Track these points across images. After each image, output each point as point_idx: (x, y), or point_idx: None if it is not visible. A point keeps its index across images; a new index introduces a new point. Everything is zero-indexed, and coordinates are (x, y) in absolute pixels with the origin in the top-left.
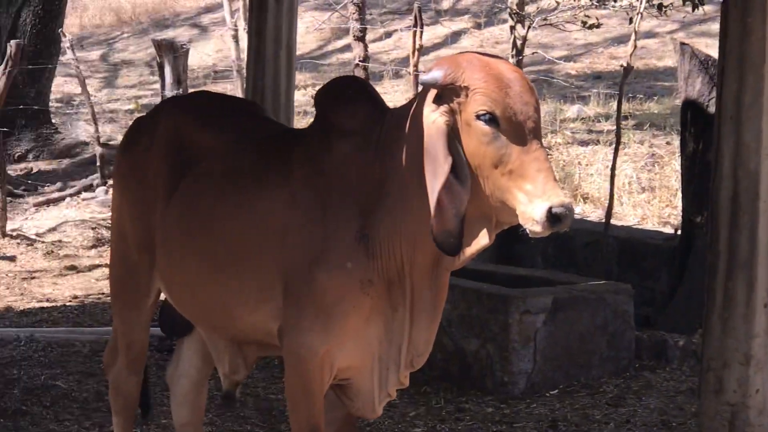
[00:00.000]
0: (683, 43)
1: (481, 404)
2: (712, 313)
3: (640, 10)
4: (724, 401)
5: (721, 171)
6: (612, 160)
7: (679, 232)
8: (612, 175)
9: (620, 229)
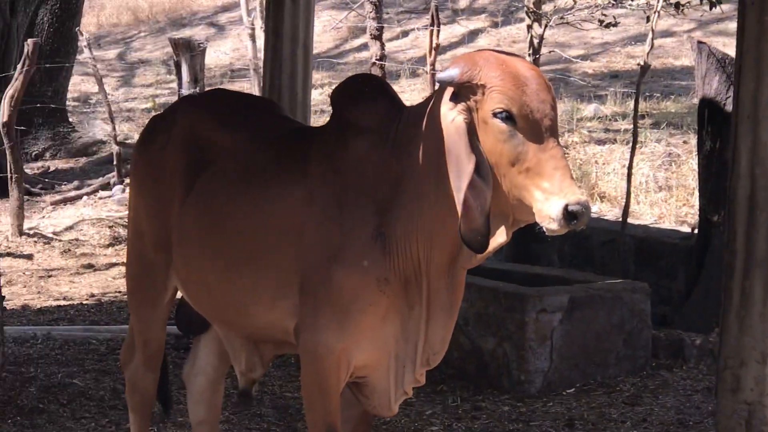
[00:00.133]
0: (700, 42)
1: (498, 403)
2: (729, 312)
3: (657, 8)
4: (741, 400)
5: (738, 170)
6: (629, 159)
7: (696, 230)
8: (629, 174)
9: (637, 228)
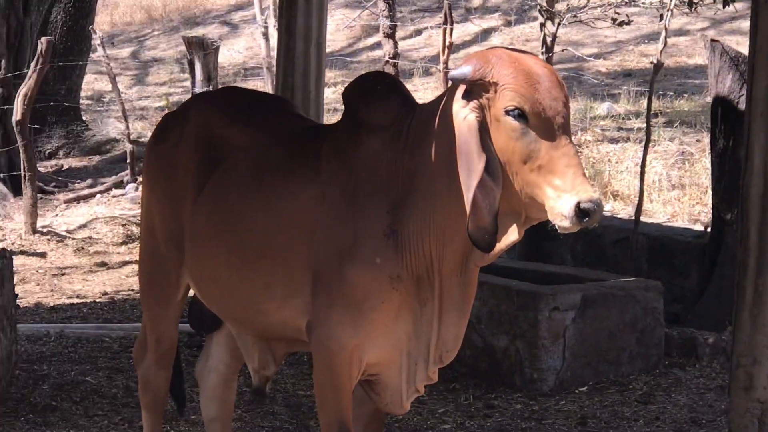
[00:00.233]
0: (714, 40)
1: (510, 401)
2: (742, 310)
3: (671, 7)
4: (754, 398)
5: (751, 168)
6: (642, 158)
7: (709, 229)
8: (642, 173)
9: (650, 226)
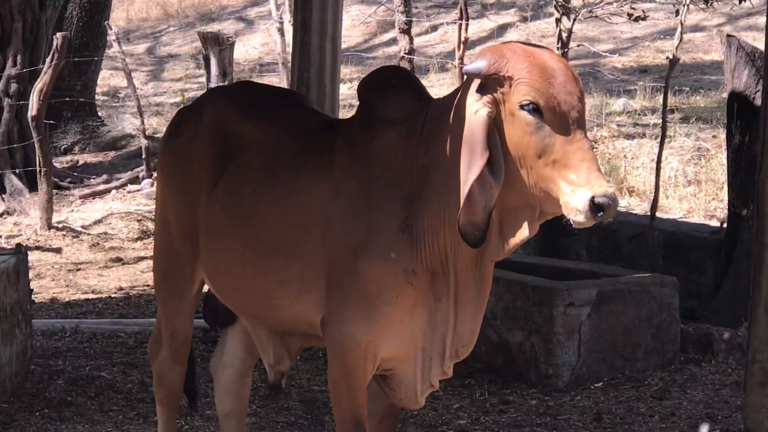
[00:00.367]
0: (730, 36)
1: (526, 397)
2: (758, 306)
3: (687, 2)
4: None
5: (766, 163)
6: (658, 154)
7: (725, 225)
8: (657, 169)
9: (666, 222)
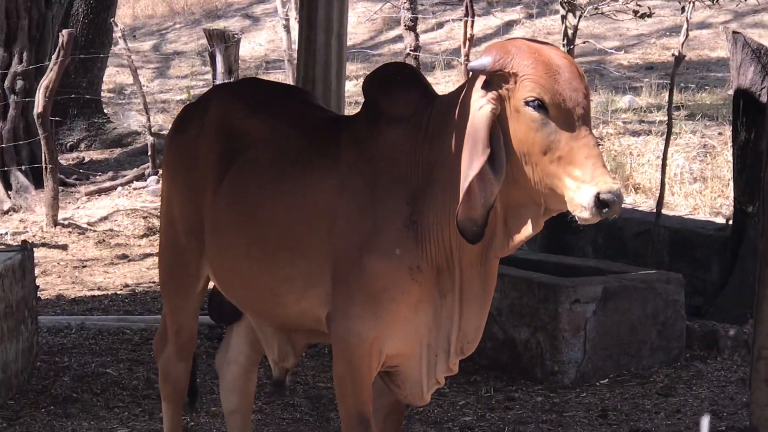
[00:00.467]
0: (735, 32)
1: (531, 393)
2: (764, 303)
3: None
4: None
5: None
6: (663, 151)
7: (730, 221)
8: (663, 165)
9: (672, 219)
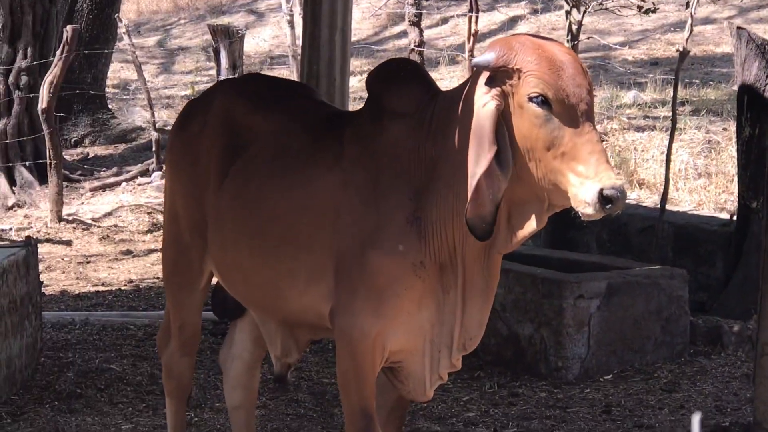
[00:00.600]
0: (740, 28)
1: (535, 389)
2: None
3: None
4: None
5: None
6: (668, 146)
7: (734, 217)
8: (667, 161)
9: (676, 214)
